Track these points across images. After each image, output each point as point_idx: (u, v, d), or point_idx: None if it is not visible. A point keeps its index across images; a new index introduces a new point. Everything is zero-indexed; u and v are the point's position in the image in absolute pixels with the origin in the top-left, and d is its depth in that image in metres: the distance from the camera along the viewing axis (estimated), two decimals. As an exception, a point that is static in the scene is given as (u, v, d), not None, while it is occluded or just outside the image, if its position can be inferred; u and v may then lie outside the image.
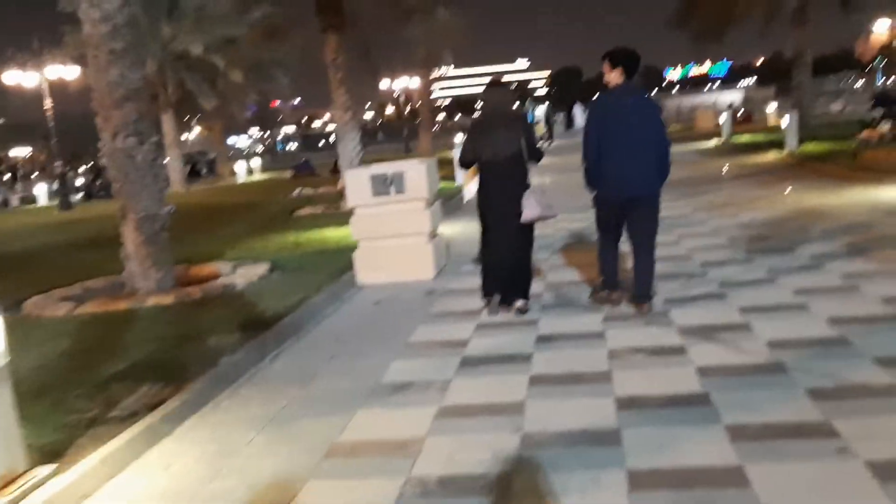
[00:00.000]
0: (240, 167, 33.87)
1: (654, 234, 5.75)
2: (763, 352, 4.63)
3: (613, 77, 5.57)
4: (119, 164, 7.96)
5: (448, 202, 14.37)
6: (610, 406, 4.01)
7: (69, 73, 27.21)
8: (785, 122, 17.64)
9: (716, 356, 4.63)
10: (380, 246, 7.73)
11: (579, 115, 43.47)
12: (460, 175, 18.26)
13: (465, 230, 10.99)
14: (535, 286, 6.50)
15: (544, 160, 6.58)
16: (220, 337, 5.85)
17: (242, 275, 8.40)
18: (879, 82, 45.00)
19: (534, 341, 5.31)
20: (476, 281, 6.60)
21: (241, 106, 34.65)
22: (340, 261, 8.32)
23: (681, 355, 4.72)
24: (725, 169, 16.17)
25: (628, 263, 5.94)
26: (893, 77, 51.52)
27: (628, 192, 5.56)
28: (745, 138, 24.15)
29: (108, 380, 5.01)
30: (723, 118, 25.28)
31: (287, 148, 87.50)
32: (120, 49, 7.89)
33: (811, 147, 17.28)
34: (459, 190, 17.02)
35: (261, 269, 8.60)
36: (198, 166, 45.89)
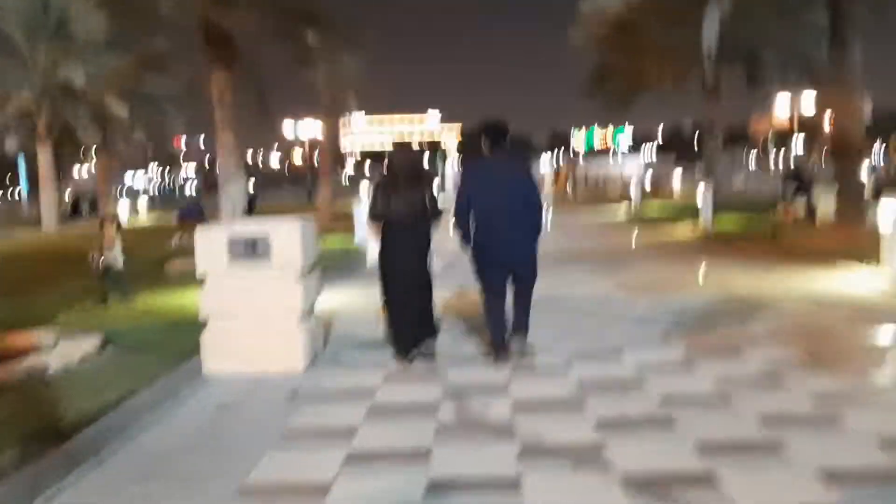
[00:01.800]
0: (122, 208, 31.17)
1: (531, 291, 6.19)
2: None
3: (485, 147, 6.13)
4: None
5: (341, 262, 12.79)
6: None
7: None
8: (699, 196, 17.03)
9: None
10: (236, 327, 6.07)
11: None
12: (360, 232, 16.78)
13: (355, 300, 9.43)
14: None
15: None
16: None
17: (62, 352, 6.55)
18: (792, 156, 46.45)
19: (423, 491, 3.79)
20: (356, 376, 5.84)
21: (127, 141, 32.12)
22: (195, 338, 6.58)
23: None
24: (634, 242, 15.32)
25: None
26: (806, 152, 53.64)
27: (509, 259, 5.99)
28: (654, 209, 23.72)
29: None
30: (632, 189, 24.88)
31: (186, 189, 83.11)
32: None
33: (726, 222, 16.70)
34: (357, 250, 15.47)
35: (90, 343, 6.77)
36: (79, 204, 42.72)
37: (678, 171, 38.50)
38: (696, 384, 5.40)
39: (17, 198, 54.97)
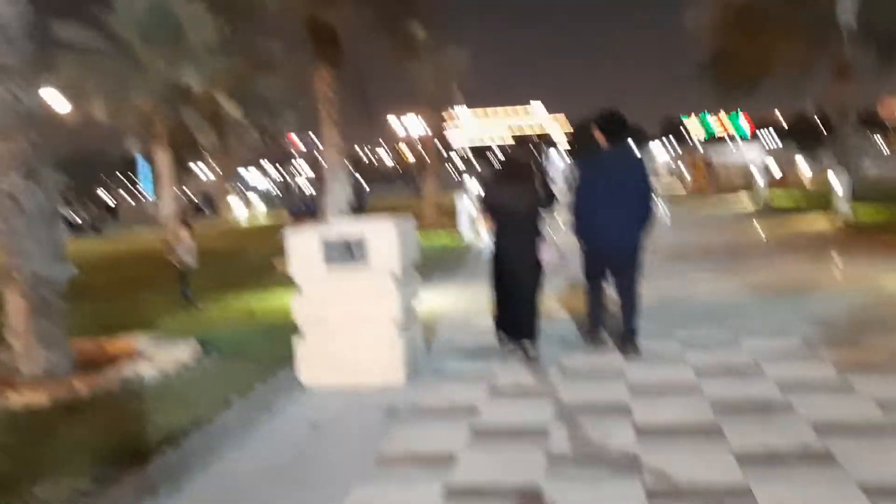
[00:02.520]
0: (239, 207, 32.05)
1: (636, 280, 6.12)
2: None
3: (599, 139, 6.15)
4: (1, 209, 6.06)
5: (446, 260, 12.38)
6: None
7: None
8: (835, 183, 15.58)
9: None
10: (331, 336, 5.69)
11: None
12: (465, 226, 16.33)
13: (460, 301, 8.96)
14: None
15: None
16: (60, 478, 3.86)
17: (159, 359, 6.41)
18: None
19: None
20: (459, 390, 5.40)
21: (241, 141, 32.93)
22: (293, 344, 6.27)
23: None
24: (763, 235, 14.13)
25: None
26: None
27: (612, 245, 6.05)
28: (783, 200, 22.11)
29: None
30: (758, 177, 23.29)
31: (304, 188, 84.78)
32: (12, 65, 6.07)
33: (865, 213, 15.21)
34: (463, 246, 15.05)
35: (188, 350, 6.62)
36: (200, 204, 44.47)
37: (802, 159, 36.12)
38: (856, 409, 4.57)
39: (141, 197, 57.78)
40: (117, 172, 71.65)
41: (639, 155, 6.65)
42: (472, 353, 6.40)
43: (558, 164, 47.06)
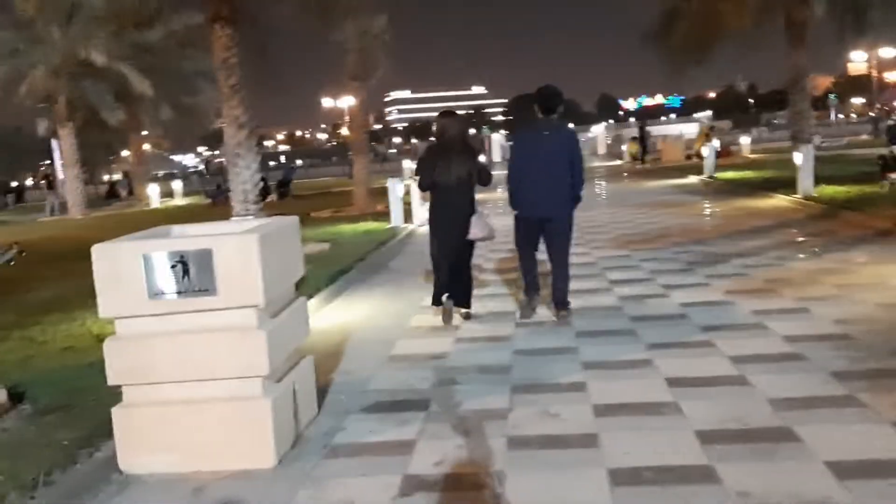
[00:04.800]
0: (153, 190, 29.34)
1: (566, 250, 6.36)
2: None
3: (536, 113, 6.33)
4: None
5: (369, 255, 10.50)
6: None
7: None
8: (797, 159, 14.19)
9: None
10: (163, 399, 3.80)
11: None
12: (397, 212, 14.46)
13: (380, 312, 7.16)
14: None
15: None
16: None
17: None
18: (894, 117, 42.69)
19: None
20: (361, 477, 3.70)
21: (155, 122, 30.26)
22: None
23: None
24: (725, 219, 12.65)
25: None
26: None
27: (541, 213, 6.24)
28: (730, 174, 20.83)
29: None
30: (705, 151, 21.96)
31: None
32: None
33: (830, 190, 13.87)
34: (392, 234, 13.19)
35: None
36: (117, 188, 41.41)
37: (745, 137, 35.25)
38: None
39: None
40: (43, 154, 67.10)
41: (571, 127, 7.14)
42: (390, 406, 4.59)
43: (500, 142, 45.61)
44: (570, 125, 9.08)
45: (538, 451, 3.80)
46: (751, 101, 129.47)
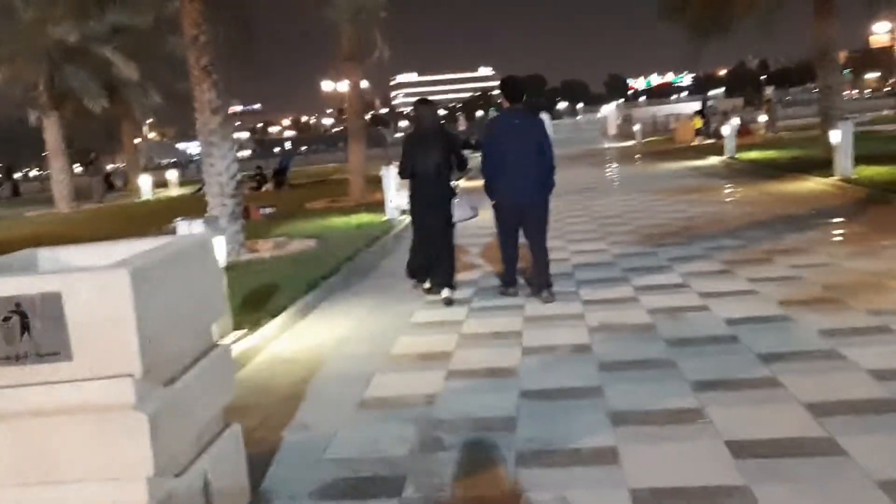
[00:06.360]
0: (145, 181, 28.09)
1: (543, 234, 6.47)
2: None
3: (505, 102, 6.63)
4: None
5: (358, 254, 9.27)
6: None
7: None
8: (835, 136, 12.83)
9: None
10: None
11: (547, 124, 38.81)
12: (393, 202, 13.21)
13: (363, 332, 5.92)
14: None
15: None
16: None
17: None
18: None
19: None
20: None
21: (146, 109, 29.01)
22: None
23: None
24: (758, 208, 11.33)
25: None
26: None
27: (517, 199, 6.36)
28: (753, 154, 19.48)
29: None
30: (725, 130, 20.58)
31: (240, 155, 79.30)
32: None
33: (869, 171, 12.54)
34: (387, 227, 11.98)
35: None
36: (112, 178, 40.21)
37: (763, 115, 33.68)
38: None
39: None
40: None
41: (540, 115, 7.38)
42: (351, 488, 3.37)
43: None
44: (543, 114, 8.02)
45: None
46: (762, 77, 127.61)
